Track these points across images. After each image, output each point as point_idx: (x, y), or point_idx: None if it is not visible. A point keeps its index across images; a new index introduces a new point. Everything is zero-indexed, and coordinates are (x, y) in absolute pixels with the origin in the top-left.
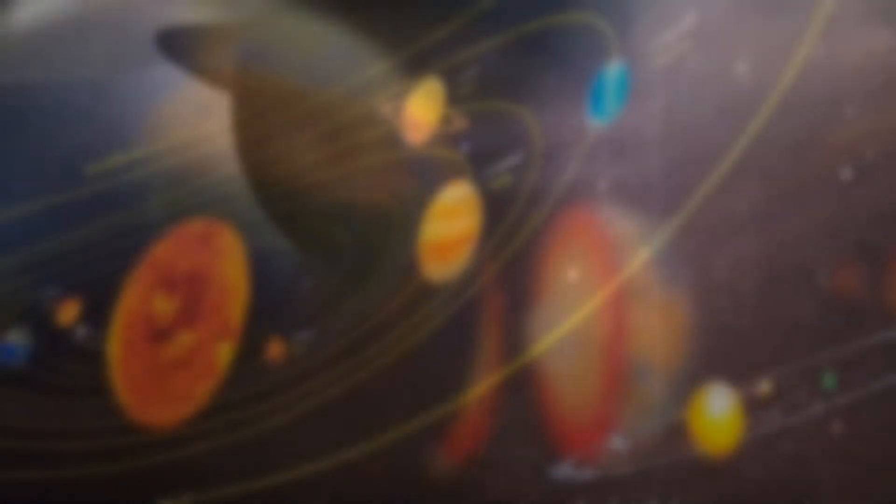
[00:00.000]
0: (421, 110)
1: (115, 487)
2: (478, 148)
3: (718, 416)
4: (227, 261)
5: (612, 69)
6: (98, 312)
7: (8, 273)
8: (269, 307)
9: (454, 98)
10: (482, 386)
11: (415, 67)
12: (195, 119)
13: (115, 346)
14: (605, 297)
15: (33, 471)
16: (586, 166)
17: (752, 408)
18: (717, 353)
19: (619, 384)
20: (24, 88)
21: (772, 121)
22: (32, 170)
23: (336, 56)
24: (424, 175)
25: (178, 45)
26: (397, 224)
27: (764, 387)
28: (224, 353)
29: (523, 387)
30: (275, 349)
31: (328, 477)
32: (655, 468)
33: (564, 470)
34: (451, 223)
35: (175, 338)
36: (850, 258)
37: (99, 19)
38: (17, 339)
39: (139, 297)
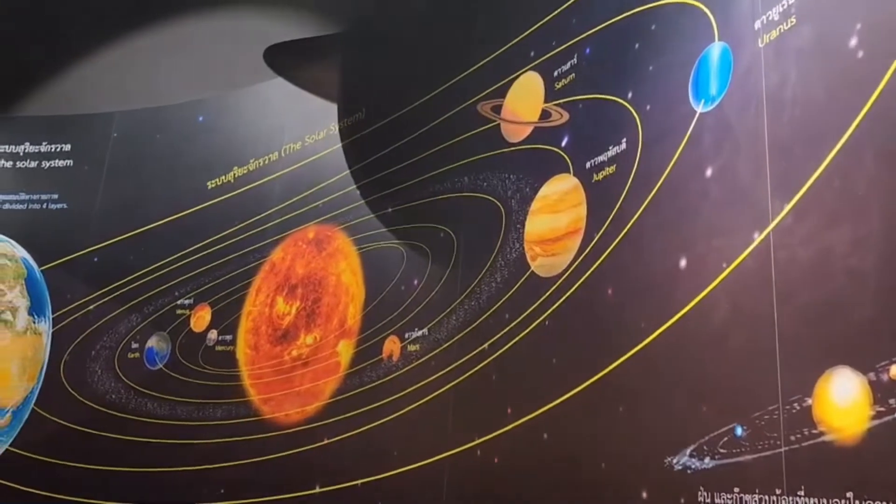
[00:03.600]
0: (521, 105)
1: (246, 479)
2: (580, 139)
3: (844, 402)
4: (341, 264)
5: (715, 51)
6: (227, 318)
7: (146, 285)
8: (384, 307)
9: (554, 90)
10: (597, 376)
11: (514, 61)
12: (305, 130)
13: (244, 348)
14: (718, 284)
15: (171, 466)
16: (692, 152)
17: (880, 393)
18: (840, 337)
19: (738, 372)
20: (148, 111)
21: (888, 95)
22: (162, 187)
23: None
24: (527, 170)
25: (287, 59)
26: (504, 220)
27: (892, 371)
28: (344, 351)
29: (640, 376)
30: (390, 347)
31: (446, 469)
32: (779, 457)
33: (685, 459)
34: (556, 216)
35: (297, 338)
36: None
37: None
38: (157, 345)
39: (262, 302)
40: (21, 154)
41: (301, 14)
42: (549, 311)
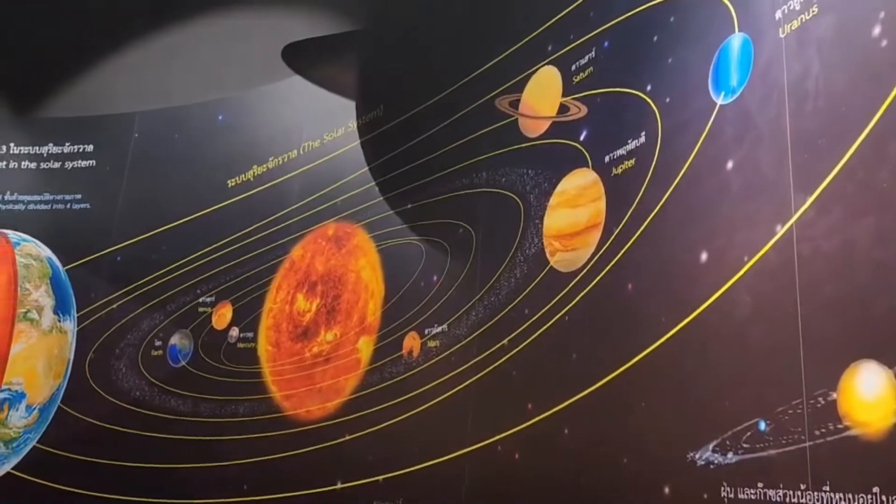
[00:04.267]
0: (539, 100)
1: (268, 475)
2: (598, 133)
3: (869, 396)
4: (361, 261)
5: (735, 42)
6: (248, 315)
7: (169, 283)
8: (403, 303)
9: (572, 84)
10: (618, 371)
11: (531, 56)
12: (323, 128)
13: (265, 345)
14: (740, 278)
15: (194, 462)
16: (712, 145)
17: None
18: (865, 330)
19: (761, 366)
20: (168, 111)
21: None
22: (183, 186)
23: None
24: (546, 165)
25: (305, 57)
26: (522, 215)
27: None
28: (364, 348)
29: (661, 371)
30: (410, 343)
31: (467, 465)
32: (803, 451)
33: (707, 454)
34: (575, 211)
35: (318, 335)
36: None
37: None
38: (180, 342)
39: (283, 299)
40: (45, 155)
41: (318, 12)
42: (568, 307)
